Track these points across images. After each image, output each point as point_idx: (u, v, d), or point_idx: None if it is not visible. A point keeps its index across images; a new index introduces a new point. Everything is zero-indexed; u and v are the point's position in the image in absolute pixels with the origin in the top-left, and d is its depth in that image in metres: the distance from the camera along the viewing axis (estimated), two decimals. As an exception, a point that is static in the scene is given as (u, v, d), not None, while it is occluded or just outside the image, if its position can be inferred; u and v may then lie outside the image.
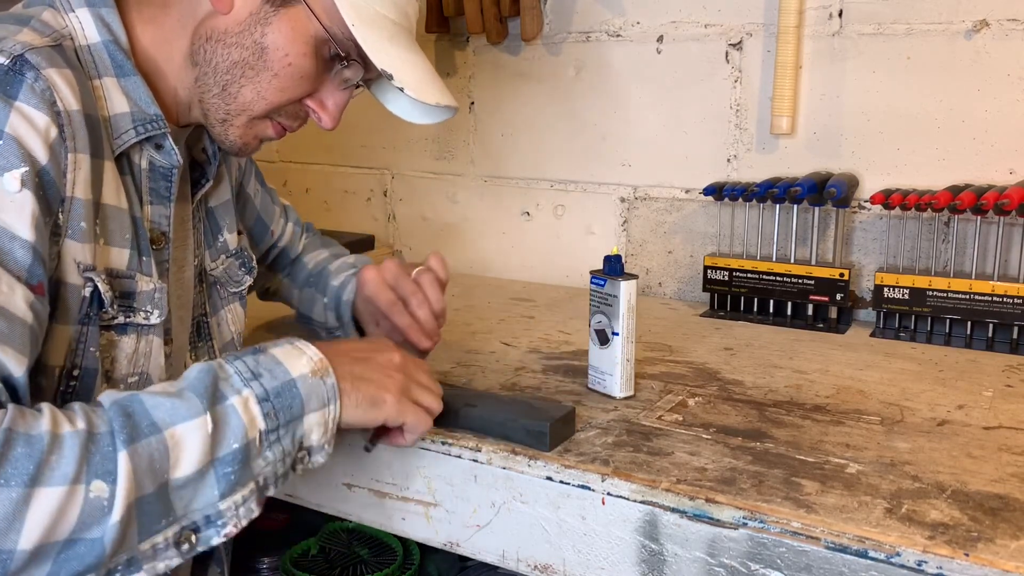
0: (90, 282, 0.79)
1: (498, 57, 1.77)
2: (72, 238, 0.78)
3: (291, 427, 0.76)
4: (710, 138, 1.58)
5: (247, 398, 0.74)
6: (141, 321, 0.86)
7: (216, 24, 0.86)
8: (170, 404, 0.70)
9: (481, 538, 0.94)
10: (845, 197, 1.38)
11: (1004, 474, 0.85)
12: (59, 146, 0.75)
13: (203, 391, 0.72)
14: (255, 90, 0.88)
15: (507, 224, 1.83)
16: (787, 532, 0.76)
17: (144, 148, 0.87)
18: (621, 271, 1.04)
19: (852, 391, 1.09)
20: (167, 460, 0.68)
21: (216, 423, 0.71)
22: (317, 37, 0.87)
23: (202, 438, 0.70)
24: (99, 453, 0.66)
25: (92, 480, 0.65)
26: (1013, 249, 1.33)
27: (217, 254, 1.06)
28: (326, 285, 1.20)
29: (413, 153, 1.92)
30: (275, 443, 0.75)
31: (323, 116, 0.93)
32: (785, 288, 1.46)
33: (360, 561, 1.54)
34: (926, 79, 1.39)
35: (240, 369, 0.76)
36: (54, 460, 0.64)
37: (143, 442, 0.67)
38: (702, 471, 0.86)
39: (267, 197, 1.22)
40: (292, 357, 0.79)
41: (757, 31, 1.51)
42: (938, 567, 0.71)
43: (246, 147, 0.93)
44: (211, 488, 0.71)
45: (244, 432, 0.72)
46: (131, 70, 0.85)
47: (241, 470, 0.72)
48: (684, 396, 1.07)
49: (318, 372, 0.79)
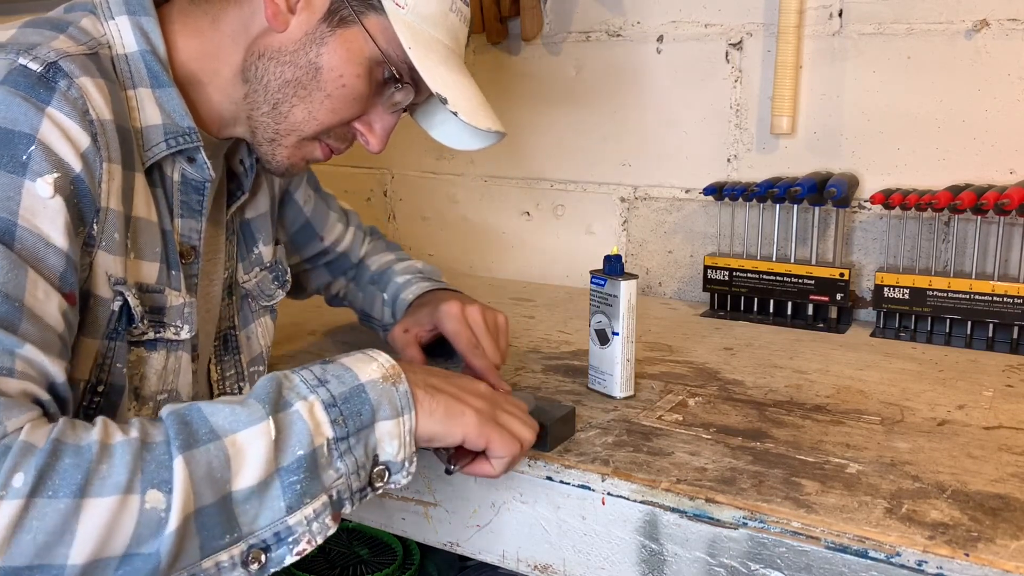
0: (120, 296, 0.78)
1: (498, 57, 1.77)
2: (105, 250, 0.76)
3: (362, 435, 0.71)
4: (710, 138, 1.58)
5: (313, 403, 0.70)
6: (171, 337, 0.85)
7: (271, 42, 0.85)
8: (230, 410, 0.67)
9: (481, 538, 0.94)
10: (845, 197, 1.38)
11: (1004, 474, 0.85)
12: (93, 155, 0.74)
13: (265, 397, 0.69)
14: (307, 110, 0.86)
15: (507, 224, 1.83)
16: (787, 532, 0.76)
17: (176, 161, 0.86)
18: (621, 271, 1.04)
19: (852, 391, 1.09)
20: (228, 469, 0.65)
21: (279, 429, 0.67)
22: (372, 59, 0.86)
23: (265, 445, 0.66)
24: (154, 461, 0.62)
25: (147, 490, 0.61)
26: (1013, 249, 1.33)
27: (251, 267, 1.04)
28: (387, 282, 1.20)
29: (413, 153, 1.92)
30: (346, 453, 0.70)
31: (371, 139, 0.91)
32: (785, 288, 1.46)
33: (360, 561, 1.54)
34: (926, 79, 1.39)
35: (306, 377, 0.72)
36: (104, 469, 0.61)
37: (200, 448, 0.64)
38: (702, 471, 0.86)
39: (322, 203, 1.21)
40: (361, 363, 0.75)
41: (757, 31, 1.51)
42: (938, 567, 0.71)
43: (293, 168, 0.92)
44: (277, 500, 0.67)
45: (310, 438, 0.68)
46: (167, 81, 0.83)
47: (309, 480, 0.68)
48: (684, 396, 1.07)
49: (390, 378, 0.74)
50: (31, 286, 0.68)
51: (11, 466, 0.59)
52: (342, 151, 0.94)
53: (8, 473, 0.59)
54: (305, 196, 1.17)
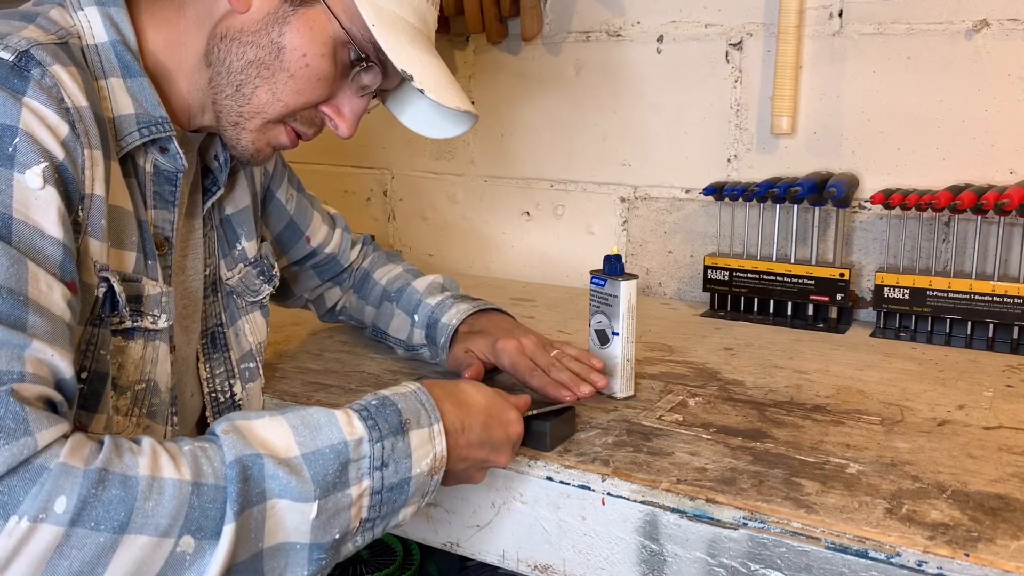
0: (104, 282, 0.78)
1: (498, 57, 1.77)
2: (91, 236, 0.76)
3: (386, 519, 0.75)
4: (710, 138, 1.58)
5: (364, 491, 0.72)
6: (149, 325, 0.85)
7: (233, 23, 0.85)
8: (286, 481, 0.67)
9: (481, 538, 0.93)
10: (845, 197, 1.38)
11: (1004, 474, 0.85)
12: (73, 143, 0.74)
13: (322, 478, 0.69)
14: (271, 91, 0.86)
15: (507, 224, 1.83)
16: (787, 532, 0.76)
17: (149, 151, 0.86)
18: (621, 271, 1.04)
19: (852, 391, 1.09)
20: (263, 530, 0.66)
21: (323, 512, 0.68)
22: (336, 38, 0.86)
23: (301, 518, 0.67)
24: (200, 510, 0.62)
25: (183, 535, 0.61)
26: (1013, 249, 1.33)
27: (234, 263, 1.04)
28: (414, 303, 1.18)
29: (413, 153, 1.92)
30: (367, 531, 0.73)
31: (340, 123, 0.90)
32: (785, 288, 1.46)
33: (360, 561, 1.53)
34: (926, 79, 1.39)
35: (375, 454, 0.73)
36: (149, 508, 0.60)
37: (254, 509, 0.65)
38: (702, 471, 0.86)
39: (305, 203, 1.20)
40: (422, 448, 0.76)
41: (757, 31, 1.51)
42: (938, 567, 0.71)
43: (258, 153, 0.91)
44: (301, 568, 0.69)
45: (347, 527, 0.71)
46: (138, 71, 0.83)
47: (331, 557, 0.71)
48: (684, 396, 1.07)
49: (435, 471, 0.77)
50: (33, 279, 0.67)
51: (52, 489, 0.58)
52: (310, 137, 0.93)
53: (49, 496, 0.58)
54: (287, 195, 1.17)
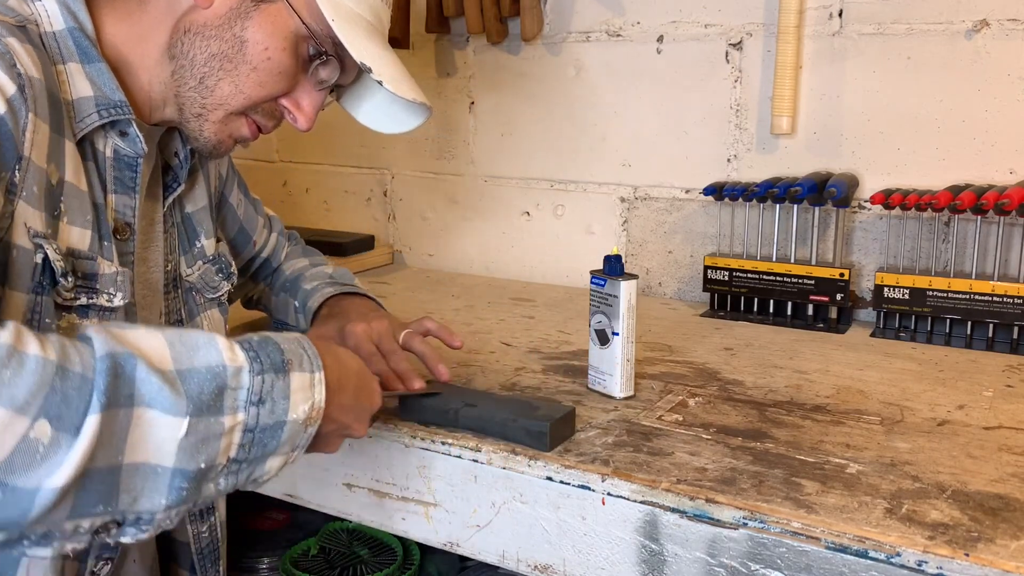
0: (40, 249, 0.77)
1: (498, 57, 1.77)
2: (25, 201, 0.75)
3: (253, 465, 0.70)
4: (710, 138, 1.58)
5: (237, 424, 0.67)
6: (104, 303, 0.85)
7: (196, 18, 0.87)
8: (158, 388, 0.62)
9: (481, 538, 0.93)
10: (845, 197, 1.38)
11: (1004, 474, 0.85)
12: (19, 103, 0.73)
13: (196, 395, 0.64)
14: (233, 84, 0.88)
15: (507, 224, 1.83)
16: (787, 532, 0.76)
17: (108, 135, 0.87)
18: (621, 271, 1.04)
19: (852, 391, 1.09)
20: (125, 440, 0.61)
21: (192, 433, 0.64)
22: (297, 33, 0.88)
23: (169, 433, 0.63)
24: (62, 395, 0.57)
25: (39, 418, 0.56)
26: (1013, 249, 1.33)
27: (193, 260, 1.05)
28: (298, 289, 1.21)
29: (413, 153, 1.92)
30: (232, 474, 0.69)
31: (298, 116, 0.93)
32: (785, 288, 1.46)
33: (360, 561, 1.53)
34: (926, 79, 1.39)
35: (255, 387, 0.68)
36: (7, 376, 0.55)
37: (121, 411, 0.60)
38: (702, 471, 0.86)
39: (251, 208, 1.22)
40: (301, 392, 0.72)
41: (757, 31, 1.51)
42: (938, 567, 0.71)
43: (220, 145, 0.93)
44: (160, 495, 0.64)
45: (214, 459, 0.66)
46: (96, 57, 0.84)
47: (193, 490, 0.65)
48: (684, 396, 1.07)
49: (310, 422, 0.73)
50: None
51: None
52: (270, 129, 0.95)
53: None
54: (238, 200, 1.18)
